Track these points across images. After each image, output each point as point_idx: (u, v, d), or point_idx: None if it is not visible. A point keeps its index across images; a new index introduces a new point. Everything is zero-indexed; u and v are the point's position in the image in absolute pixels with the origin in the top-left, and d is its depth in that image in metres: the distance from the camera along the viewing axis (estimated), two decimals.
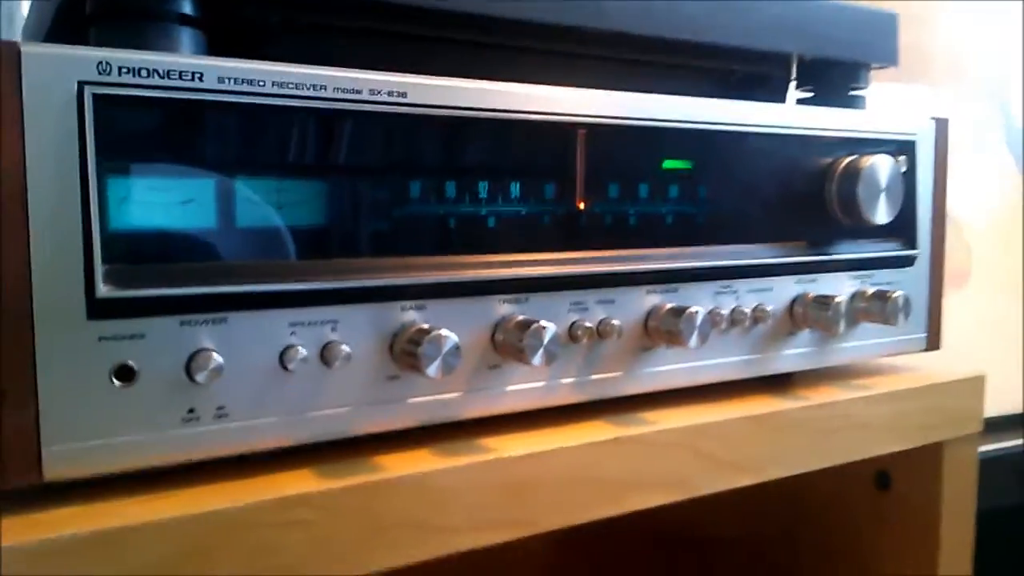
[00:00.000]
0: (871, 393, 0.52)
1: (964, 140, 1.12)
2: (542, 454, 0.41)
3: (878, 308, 0.53)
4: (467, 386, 0.41)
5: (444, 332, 0.38)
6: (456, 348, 0.38)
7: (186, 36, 0.37)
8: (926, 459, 0.56)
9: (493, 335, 0.41)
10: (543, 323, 0.40)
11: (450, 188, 0.41)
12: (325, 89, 0.37)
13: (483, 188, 0.42)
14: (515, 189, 0.43)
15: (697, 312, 0.45)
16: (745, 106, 0.49)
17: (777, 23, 0.53)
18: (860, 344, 0.55)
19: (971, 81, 1.22)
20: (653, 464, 0.44)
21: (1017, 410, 0.97)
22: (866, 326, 0.54)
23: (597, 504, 0.43)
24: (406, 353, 0.38)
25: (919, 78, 1.12)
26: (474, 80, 0.41)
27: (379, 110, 0.38)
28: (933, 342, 0.58)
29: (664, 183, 0.47)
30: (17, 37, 0.71)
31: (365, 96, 0.38)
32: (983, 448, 0.89)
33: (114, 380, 0.33)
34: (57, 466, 0.32)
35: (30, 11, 0.51)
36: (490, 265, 0.42)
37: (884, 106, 0.60)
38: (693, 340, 0.45)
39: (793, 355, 0.52)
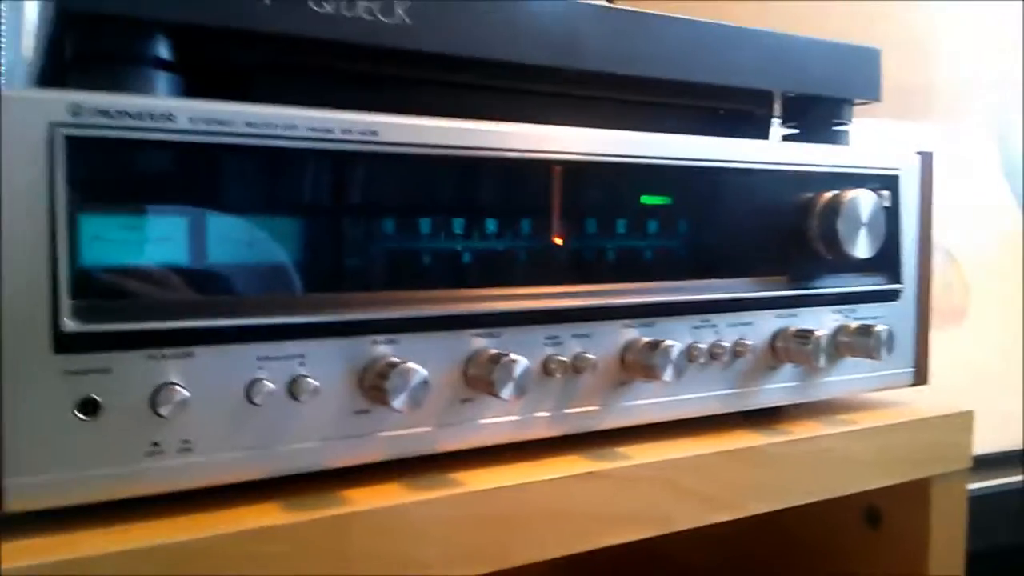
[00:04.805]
0: (855, 428, 0.52)
1: (962, 175, 1.11)
2: (515, 488, 0.41)
3: (861, 342, 0.52)
4: (439, 420, 0.41)
5: (412, 365, 0.38)
6: (424, 382, 0.38)
7: (162, 80, 0.38)
8: (915, 495, 0.56)
9: (465, 369, 0.42)
10: (513, 357, 0.41)
11: (424, 224, 0.41)
12: (296, 128, 0.38)
13: (458, 224, 0.42)
14: (491, 225, 0.43)
15: (673, 346, 0.45)
16: (721, 143, 0.50)
17: (759, 62, 0.53)
18: (845, 379, 0.54)
19: (969, 114, 1.22)
20: (629, 499, 0.44)
21: (1018, 446, 0.96)
22: (852, 361, 0.54)
23: (570, 539, 0.42)
24: (374, 387, 0.38)
25: (915, 113, 1.12)
26: (444, 119, 0.41)
27: (350, 149, 0.39)
28: (921, 377, 0.58)
29: (642, 218, 0.47)
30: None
31: (336, 135, 0.39)
32: (982, 484, 0.88)
33: (78, 413, 0.33)
34: (19, 497, 0.33)
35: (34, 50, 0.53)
36: (464, 300, 0.42)
37: (871, 140, 0.60)
38: (668, 374, 0.45)
39: (775, 389, 0.52)
